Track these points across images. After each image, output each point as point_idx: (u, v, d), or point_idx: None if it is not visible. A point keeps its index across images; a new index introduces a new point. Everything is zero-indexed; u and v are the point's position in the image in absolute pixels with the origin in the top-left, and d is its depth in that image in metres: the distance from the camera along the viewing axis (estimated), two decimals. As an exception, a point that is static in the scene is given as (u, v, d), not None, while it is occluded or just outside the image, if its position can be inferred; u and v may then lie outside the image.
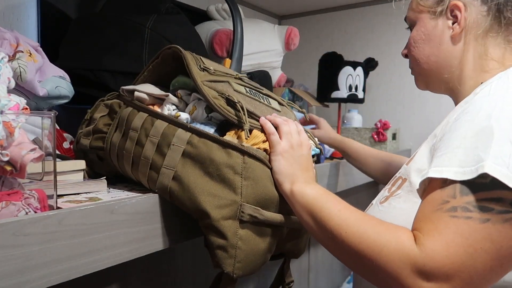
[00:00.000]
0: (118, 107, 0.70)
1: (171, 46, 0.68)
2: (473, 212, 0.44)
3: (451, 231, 0.44)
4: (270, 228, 0.62)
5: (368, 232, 0.49)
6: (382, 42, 1.77)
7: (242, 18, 1.05)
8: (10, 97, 0.51)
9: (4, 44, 0.66)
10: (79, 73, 0.92)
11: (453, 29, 0.65)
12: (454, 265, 0.43)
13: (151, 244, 0.59)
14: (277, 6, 1.90)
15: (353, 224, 0.51)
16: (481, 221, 0.44)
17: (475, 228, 0.44)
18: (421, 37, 0.69)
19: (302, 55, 1.93)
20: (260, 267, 0.62)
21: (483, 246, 0.44)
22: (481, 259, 0.44)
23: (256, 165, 0.60)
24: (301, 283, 1.47)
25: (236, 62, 1.02)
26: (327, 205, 0.56)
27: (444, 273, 0.43)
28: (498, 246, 0.44)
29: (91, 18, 1.01)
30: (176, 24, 0.97)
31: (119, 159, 0.67)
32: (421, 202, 0.51)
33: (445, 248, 0.44)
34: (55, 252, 0.46)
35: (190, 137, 0.60)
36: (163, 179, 0.60)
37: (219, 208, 0.58)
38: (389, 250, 0.46)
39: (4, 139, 0.46)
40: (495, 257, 0.44)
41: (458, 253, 0.43)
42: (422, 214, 0.49)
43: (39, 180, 0.53)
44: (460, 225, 0.44)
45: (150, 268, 0.89)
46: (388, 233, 0.48)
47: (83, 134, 0.74)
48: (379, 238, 0.48)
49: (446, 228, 0.45)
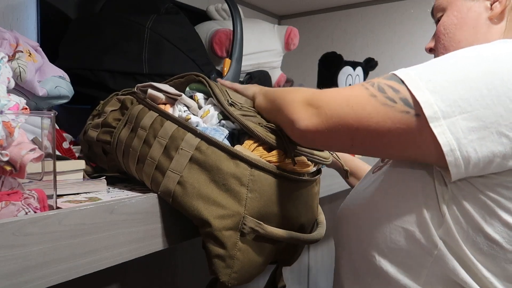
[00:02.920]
0: (130, 103, 0.69)
1: (198, 75, 0.69)
2: (372, 88, 0.51)
3: (348, 89, 0.54)
4: (270, 243, 0.62)
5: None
6: (382, 42, 1.77)
7: (241, 18, 1.05)
8: (10, 97, 0.51)
9: (3, 44, 0.66)
10: (78, 73, 0.92)
11: (492, 9, 0.62)
12: (329, 103, 0.53)
13: (151, 244, 0.59)
14: (276, 6, 1.90)
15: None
16: (370, 94, 0.50)
17: (363, 95, 0.51)
18: (453, 22, 0.65)
19: (302, 55, 1.93)
20: (255, 277, 0.63)
21: (355, 106, 0.51)
22: (347, 112, 0.51)
23: (263, 179, 0.59)
24: (301, 283, 1.47)
25: (235, 62, 1.02)
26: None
27: (318, 105, 0.53)
28: (364, 114, 0.50)
29: (91, 18, 1.01)
30: (176, 24, 0.97)
31: (124, 156, 0.67)
32: None
33: (333, 95, 0.53)
34: (55, 252, 0.46)
35: (199, 143, 0.59)
36: (168, 182, 0.59)
37: (221, 219, 0.57)
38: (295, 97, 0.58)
39: (3, 139, 0.46)
40: (355, 119, 0.50)
41: (337, 100, 0.52)
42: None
43: (39, 180, 0.52)
44: (358, 89, 0.52)
45: (150, 268, 0.89)
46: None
47: (91, 126, 0.73)
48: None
49: (349, 88, 0.54)
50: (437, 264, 0.53)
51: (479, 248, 0.50)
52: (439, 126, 0.46)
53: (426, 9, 1.72)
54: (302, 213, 0.65)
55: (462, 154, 0.46)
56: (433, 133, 0.46)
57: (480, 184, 0.49)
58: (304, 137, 0.56)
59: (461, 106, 0.46)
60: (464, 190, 0.50)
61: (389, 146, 0.51)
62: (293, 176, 0.61)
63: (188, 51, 0.95)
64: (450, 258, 0.52)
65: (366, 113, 0.50)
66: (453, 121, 0.46)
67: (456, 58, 0.50)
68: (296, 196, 0.63)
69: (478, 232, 0.50)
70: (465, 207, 0.50)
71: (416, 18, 1.70)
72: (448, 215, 0.51)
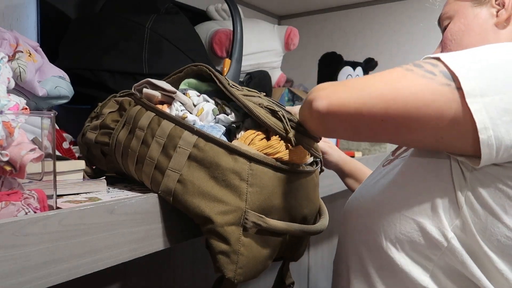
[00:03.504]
0: (128, 104, 0.69)
1: (197, 64, 0.68)
2: (407, 65, 0.49)
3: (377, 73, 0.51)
4: (273, 236, 0.62)
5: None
6: (381, 42, 1.78)
7: (241, 18, 1.05)
8: (10, 97, 0.51)
9: (3, 44, 0.66)
10: (78, 73, 0.92)
11: (498, 16, 0.63)
12: (357, 80, 0.51)
13: (151, 244, 0.59)
14: (276, 6, 1.90)
15: None
16: (406, 69, 0.48)
17: (398, 70, 0.49)
18: (460, 28, 0.66)
19: (302, 55, 1.93)
20: (261, 272, 0.62)
21: (389, 80, 0.49)
22: (380, 85, 0.49)
23: (263, 172, 0.59)
24: (301, 283, 1.47)
25: (235, 62, 1.02)
26: None
27: (345, 83, 0.51)
28: (400, 86, 0.48)
29: (91, 18, 1.01)
30: (176, 24, 0.97)
31: (123, 157, 0.67)
32: None
33: (361, 78, 0.51)
34: (55, 252, 0.46)
35: (197, 141, 0.59)
36: (168, 181, 0.59)
37: (223, 214, 0.57)
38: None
39: (3, 139, 0.46)
40: (389, 89, 0.48)
41: (368, 78, 0.50)
42: None
43: (39, 180, 0.52)
44: (391, 69, 0.50)
45: (150, 268, 0.89)
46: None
47: (90, 128, 0.73)
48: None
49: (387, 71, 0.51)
50: (446, 257, 0.53)
51: (496, 239, 0.50)
52: (475, 103, 0.45)
53: (426, 9, 1.73)
54: (303, 205, 0.65)
55: (495, 134, 0.45)
56: (469, 109, 0.45)
57: (501, 173, 0.49)
58: (325, 117, 0.51)
59: (497, 86, 0.45)
60: (483, 180, 0.50)
61: (423, 123, 0.48)
62: (292, 168, 0.61)
63: (188, 51, 0.95)
64: (461, 252, 0.52)
65: (401, 85, 0.47)
66: (489, 100, 0.45)
67: (489, 47, 0.50)
68: (296, 188, 0.63)
69: (497, 222, 0.50)
70: (484, 198, 0.50)
71: (416, 18, 1.70)
72: (465, 207, 0.51)
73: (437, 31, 0.76)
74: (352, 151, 1.42)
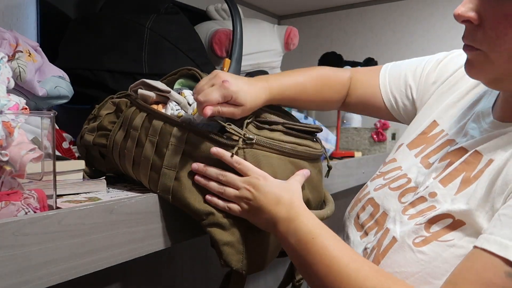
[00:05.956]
0: (125, 106, 0.70)
1: (190, 69, 0.69)
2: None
3: None
4: None
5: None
6: (381, 42, 1.77)
7: (241, 18, 1.05)
8: (10, 97, 0.51)
9: (3, 44, 0.66)
10: (78, 73, 0.92)
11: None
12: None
13: (151, 244, 0.59)
14: (276, 6, 1.90)
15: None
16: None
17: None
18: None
19: (302, 55, 1.93)
20: (269, 263, 0.62)
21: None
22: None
23: (259, 157, 0.59)
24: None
25: (235, 62, 1.02)
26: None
27: None
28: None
29: (91, 18, 1.01)
30: (176, 24, 0.97)
31: (121, 158, 0.67)
32: (467, 259, 0.46)
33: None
34: (55, 252, 0.46)
35: (188, 136, 0.59)
36: (165, 180, 0.60)
37: None
38: None
39: (3, 139, 0.46)
40: None
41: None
42: (467, 279, 0.45)
43: (39, 180, 0.52)
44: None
45: (150, 268, 0.89)
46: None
47: (87, 130, 0.74)
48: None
49: None
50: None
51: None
52: None
53: (426, 9, 1.72)
54: (305, 188, 0.64)
55: None
56: None
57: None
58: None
59: None
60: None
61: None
62: (291, 150, 0.61)
63: (188, 51, 0.95)
64: None
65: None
66: None
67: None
68: (294, 171, 0.62)
69: None
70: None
71: (416, 18, 1.70)
72: None
73: (437, 31, 0.76)
74: (352, 151, 1.42)
